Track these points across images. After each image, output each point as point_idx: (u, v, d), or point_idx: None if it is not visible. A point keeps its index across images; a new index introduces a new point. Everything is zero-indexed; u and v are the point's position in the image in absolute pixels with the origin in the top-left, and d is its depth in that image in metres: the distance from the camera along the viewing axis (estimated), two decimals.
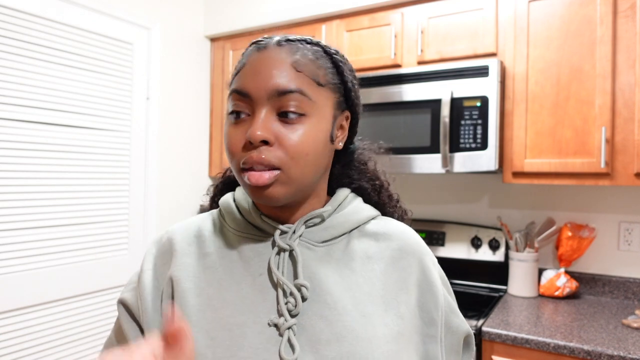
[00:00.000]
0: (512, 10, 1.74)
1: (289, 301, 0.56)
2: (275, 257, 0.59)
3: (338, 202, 0.65)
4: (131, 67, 2.12)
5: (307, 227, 0.62)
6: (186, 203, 2.45)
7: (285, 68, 0.56)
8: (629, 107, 1.55)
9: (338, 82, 0.62)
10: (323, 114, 0.59)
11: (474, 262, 2.02)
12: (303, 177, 0.57)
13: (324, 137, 0.59)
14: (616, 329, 1.47)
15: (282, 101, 0.55)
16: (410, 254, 0.64)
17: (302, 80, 0.56)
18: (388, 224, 0.67)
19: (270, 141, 0.54)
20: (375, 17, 2.03)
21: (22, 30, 1.71)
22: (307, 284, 0.57)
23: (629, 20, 1.55)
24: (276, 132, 0.55)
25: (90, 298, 1.95)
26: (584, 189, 1.91)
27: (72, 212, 1.88)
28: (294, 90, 0.55)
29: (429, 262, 0.65)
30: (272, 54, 0.57)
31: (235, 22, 2.42)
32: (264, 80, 0.55)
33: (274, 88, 0.55)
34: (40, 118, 1.77)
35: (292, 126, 0.55)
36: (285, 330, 0.54)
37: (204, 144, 2.57)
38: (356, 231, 0.64)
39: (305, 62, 0.58)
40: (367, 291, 0.59)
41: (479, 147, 1.70)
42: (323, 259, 0.60)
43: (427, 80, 1.80)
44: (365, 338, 0.55)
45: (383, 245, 0.64)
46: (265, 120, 0.55)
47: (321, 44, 0.62)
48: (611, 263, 1.86)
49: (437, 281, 0.64)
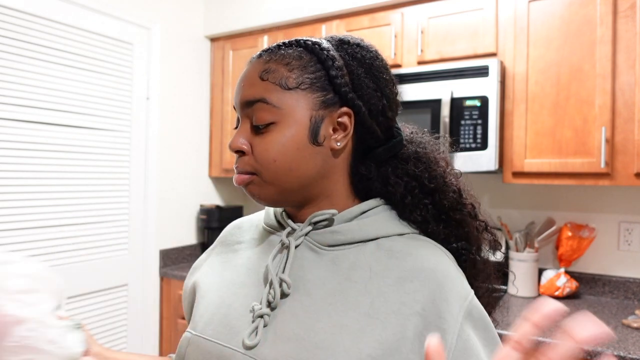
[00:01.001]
0: (512, 10, 1.74)
1: (270, 293, 0.58)
2: (278, 252, 0.62)
3: (359, 210, 0.62)
4: (131, 67, 2.12)
5: (316, 229, 0.62)
6: (186, 203, 2.45)
7: (252, 79, 0.60)
8: (629, 107, 1.55)
9: (324, 79, 0.59)
10: (294, 118, 0.58)
11: None
12: (279, 180, 0.59)
13: (299, 140, 0.58)
14: (616, 329, 1.47)
15: (251, 112, 0.59)
16: (421, 278, 0.55)
17: (265, 88, 0.58)
18: (414, 243, 0.59)
19: (244, 151, 0.60)
20: (375, 17, 2.03)
21: (22, 30, 1.71)
22: (288, 280, 0.58)
23: (629, 20, 1.55)
24: (250, 141, 0.60)
25: (90, 298, 1.95)
26: (584, 189, 1.91)
27: (72, 212, 1.88)
28: (256, 99, 0.58)
29: (447, 293, 0.54)
30: (250, 67, 0.61)
31: (235, 22, 2.42)
32: (238, 93, 0.61)
33: (241, 100, 0.60)
34: (40, 118, 1.77)
35: (262, 135, 0.59)
36: (257, 317, 0.57)
37: (204, 144, 2.57)
38: (373, 243, 0.60)
39: (273, 69, 0.58)
40: (352, 305, 0.55)
41: (479, 147, 1.70)
42: (324, 262, 0.59)
43: (427, 80, 1.80)
44: (323, 348, 0.52)
45: (393, 263, 0.57)
46: (241, 132, 0.60)
47: (308, 42, 0.60)
48: (611, 263, 1.86)
49: (452, 317, 0.52)
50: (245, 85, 0.60)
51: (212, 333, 0.59)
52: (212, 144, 2.57)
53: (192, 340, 0.61)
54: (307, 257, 0.60)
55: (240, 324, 0.58)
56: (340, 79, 0.58)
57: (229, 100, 2.49)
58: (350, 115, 0.60)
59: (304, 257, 0.60)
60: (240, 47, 2.44)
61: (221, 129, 2.52)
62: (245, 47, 2.42)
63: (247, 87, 0.59)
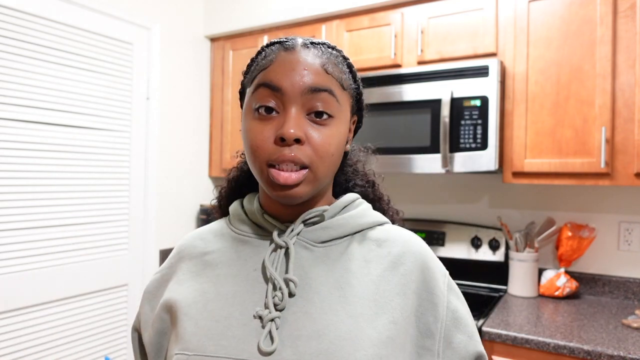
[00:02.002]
0: (512, 10, 1.74)
1: (276, 295, 0.57)
2: (271, 253, 0.60)
3: (343, 204, 0.65)
4: (131, 67, 2.12)
5: (307, 227, 0.63)
6: (186, 203, 2.45)
7: (317, 68, 0.58)
8: (629, 107, 1.55)
9: (354, 88, 0.65)
10: (345, 117, 0.62)
11: (474, 262, 2.02)
12: (325, 176, 0.59)
13: (344, 139, 0.62)
14: (616, 329, 1.47)
15: (313, 100, 0.57)
16: (411, 260, 0.62)
17: (331, 82, 0.59)
18: (393, 230, 0.66)
19: (302, 140, 0.56)
20: (375, 17, 2.03)
21: (22, 30, 1.71)
22: (295, 279, 0.58)
23: (629, 20, 1.55)
24: (306, 131, 0.57)
25: (90, 298, 1.95)
26: (584, 189, 1.91)
27: (72, 212, 1.88)
28: (326, 89, 0.57)
29: (433, 271, 0.62)
30: (302, 54, 0.59)
31: (235, 22, 2.42)
32: (299, 77, 0.57)
33: (308, 85, 0.57)
34: (40, 118, 1.77)
35: (320, 127, 0.57)
36: (268, 322, 0.55)
37: (204, 144, 2.57)
38: (359, 235, 0.64)
39: (332, 65, 0.60)
40: (359, 293, 0.58)
41: (479, 147, 1.70)
42: (319, 258, 0.61)
43: (427, 80, 1.80)
44: (348, 338, 0.54)
45: (384, 250, 0.62)
46: (296, 118, 0.56)
47: (338, 49, 0.65)
48: (611, 263, 1.86)
49: (440, 291, 0.61)
50: (310, 72, 0.57)
51: (215, 349, 0.55)
52: (212, 144, 2.57)
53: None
54: (304, 256, 0.61)
55: (246, 332, 0.56)
56: (361, 89, 0.67)
57: (229, 100, 2.49)
58: (355, 123, 0.69)
59: (300, 256, 0.61)
60: (240, 47, 2.44)
61: (221, 129, 2.52)
62: (245, 47, 2.42)
63: (313, 74, 0.57)
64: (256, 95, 0.58)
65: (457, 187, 2.16)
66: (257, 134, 0.57)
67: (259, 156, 0.57)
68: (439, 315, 0.59)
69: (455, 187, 2.17)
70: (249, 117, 0.59)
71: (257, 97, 0.58)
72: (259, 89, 0.58)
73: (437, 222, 2.14)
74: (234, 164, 2.81)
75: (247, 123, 0.59)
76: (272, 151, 0.56)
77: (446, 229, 2.10)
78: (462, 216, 2.15)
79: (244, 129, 0.60)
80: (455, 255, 2.05)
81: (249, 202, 0.67)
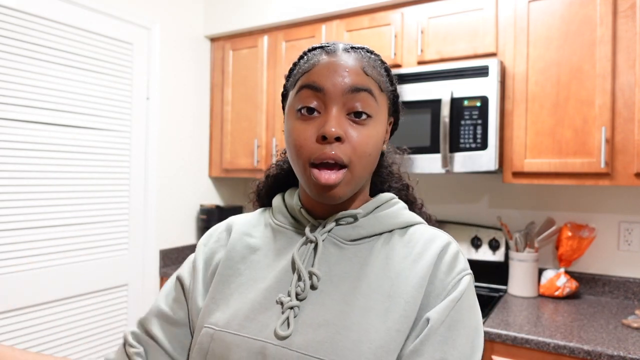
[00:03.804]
0: (512, 10, 1.74)
1: (299, 285, 0.60)
2: (301, 246, 0.64)
3: (376, 204, 0.67)
4: (131, 67, 2.12)
5: (338, 225, 0.65)
6: (186, 203, 2.45)
7: (357, 70, 0.61)
8: (629, 107, 1.55)
9: (391, 90, 0.67)
10: (382, 118, 0.64)
11: (474, 262, 2.02)
12: (363, 176, 0.62)
13: (381, 139, 0.64)
14: (616, 329, 1.47)
15: (354, 100, 0.60)
16: (429, 255, 0.61)
17: (370, 83, 0.62)
18: (422, 230, 0.66)
19: (342, 138, 0.58)
20: (375, 17, 2.03)
21: (22, 30, 1.71)
22: (318, 273, 0.60)
23: (629, 20, 1.55)
24: (346, 130, 0.59)
25: (90, 298, 1.95)
26: (584, 189, 1.91)
27: (72, 212, 1.88)
28: (366, 88, 0.60)
29: (451, 265, 0.60)
30: (343, 57, 0.62)
31: (235, 22, 2.42)
32: (340, 77, 0.60)
33: (349, 84, 0.60)
34: (40, 118, 1.77)
35: (359, 126, 0.60)
36: (288, 309, 0.58)
37: (204, 144, 2.57)
38: (387, 234, 0.65)
39: (371, 68, 0.63)
40: (374, 287, 0.59)
41: (479, 147, 1.70)
42: (347, 256, 0.63)
43: (427, 80, 1.80)
44: (354, 330, 0.56)
45: (408, 250, 0.63)
46: (337, 117, 0.59)
47: (377, 53, 0.68)
48: (611, 263, 1.86)
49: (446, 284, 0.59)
50: (350, 73, 0.60)
51: (238, 327, 0.60)
52: (212, 144, 2.57)
53: (216, 335, 0.60)
54: (332, 253, 0.63)
55: (267, 317, 0.59)
56: (397, 92, 0.69)
57: (229, 100, 2.49)
58: (391, 124, 0.71)
59: (329, 253, 0.63)
60: (240, 47, 2.45)
61: (221, 129, 2.52)
62: (245, 47, 2.42)
63: (353, 75, 0.60)
64: (299, 97, 0.61)
65: (457, 187, 2.16)
66: (300, 133, 0.60)
67: (302, 155, 0.60)
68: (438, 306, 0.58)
69: (455, 187, 2.17)
70: (292, 118, 0.62)
71: (300, 98, 0.61)
72: (302, 90, 0.61)
73: (437, 222, 2.13)
74: (234, 163, 2.80)
75: (290, 123, 0.63)
76: (314, 150, 0.59)
77: (446, 229, 2.10)
78: (462, 216, 2.15)
79: (287, 129, 0.63)
80: None
81: (290, 196, 0.71)
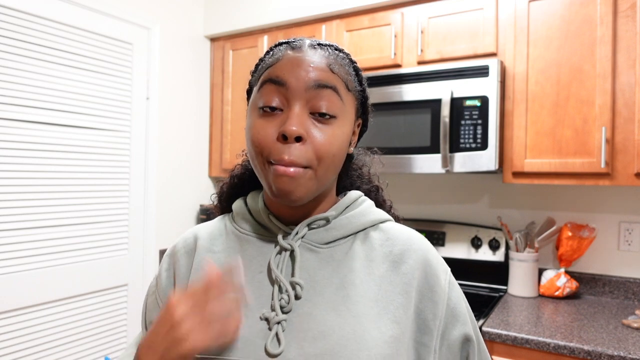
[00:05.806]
0: (512, 10, 1.74)
1: (282, 297, 0.57)
2: (276, 256, 0.60)
3: (345, 204, 0.65)
4: (131, 67, 2.12)
5: (311, 229, 0.63)
6: (186, 203, 2.45)
7: (323, 67, 0.58)
8: (629, 107, 1.55)
9: (359, 91, 0.64)
10: (348, 118, 0.61)
11: (474, 262, 2.02)
12: (325, 178, 0.58)
13: (347, 140, 0.61)
14: (616, 329, 1.47)
15: (318, 97, 0.56)
16: (413, 258, 0.62)
17: (336, 80, 0.58)
18: (396, 228, 0.66)
19: (303, 138, 0.55)
20: (375, 17, 2.03)
21: (22, 30, 1.71)
22: (301, 282, 0.58)
23: (629, 20, 1.55)
24: (308, 129, 0.56)
25: (90, 298, 1.95)
26: (584, 189, 1.91)
27: (72, 212, 1.88)
28: (331, 86, 0.57)
29: (435, 268, 0.62)
30: (308, 53, 0.59)
31: (235, 22, 2.42)
32: (304, 72, 0.57)
33: (313, 79, 0.56)
34: (40, 118, 1.77)
35: (322, 126, 0.57)
36: (275, 324, 0.55)
37: (204, 144, 2.57)
38: (362, 234, 0.64)
39: (338, 66, 0.60)
40: (362, 293, 0.58)
41: (479, 147, 1.70)
42: (324, 260, 0.61)
43: (427, 80, 1.80)
44: (352, 338, 0.54)
45: (387, 249, 0.62)
46: (300, 116, 0.56)
47: (346, 52, 0.65)
48: (611, 263, 1.86)
49: (441, 289, 0.61)
50: (315, 68, 0.57)
51: (221, 350, 0.55)
52: (212, 144, 2.57)
53: None
54: (308, 258, 0.61)
55: (252, 334, 0.56)
56: (366, 93, 0.66)
57: (229, 100, 2.49)
58: (360, 126, 0.68)
59: (305, 259, 0.61)
60: (240, 47, 2.44)
61: (221, 129, 2.52)
62: (245, 47, 2.42)
63: (318, 71, 0.57)
64: (262, 92, 0.58)
65: (457, 187, 2.16)
66: (260, 130, 0.57)
67: (260, 153, 0.57)
68: (438, 312, 0.60)
69: (455, 187, 2.17)
70: (253, 115, 0.59)
71: (263, 93, 0.58)
72: (265, 85, 0.58)
73: (437, 222, 2.14)
74: (234, 163, 2.79)
75: (251, 120, 0.59)
76: (274, 149, 0.55)
77: (446, 229, 2.10)
78: (462, 216, 2.15)
79: (247, 126, 0.60)
80: (455, 255, 2.05)
81: (253, 200, 0.67)
